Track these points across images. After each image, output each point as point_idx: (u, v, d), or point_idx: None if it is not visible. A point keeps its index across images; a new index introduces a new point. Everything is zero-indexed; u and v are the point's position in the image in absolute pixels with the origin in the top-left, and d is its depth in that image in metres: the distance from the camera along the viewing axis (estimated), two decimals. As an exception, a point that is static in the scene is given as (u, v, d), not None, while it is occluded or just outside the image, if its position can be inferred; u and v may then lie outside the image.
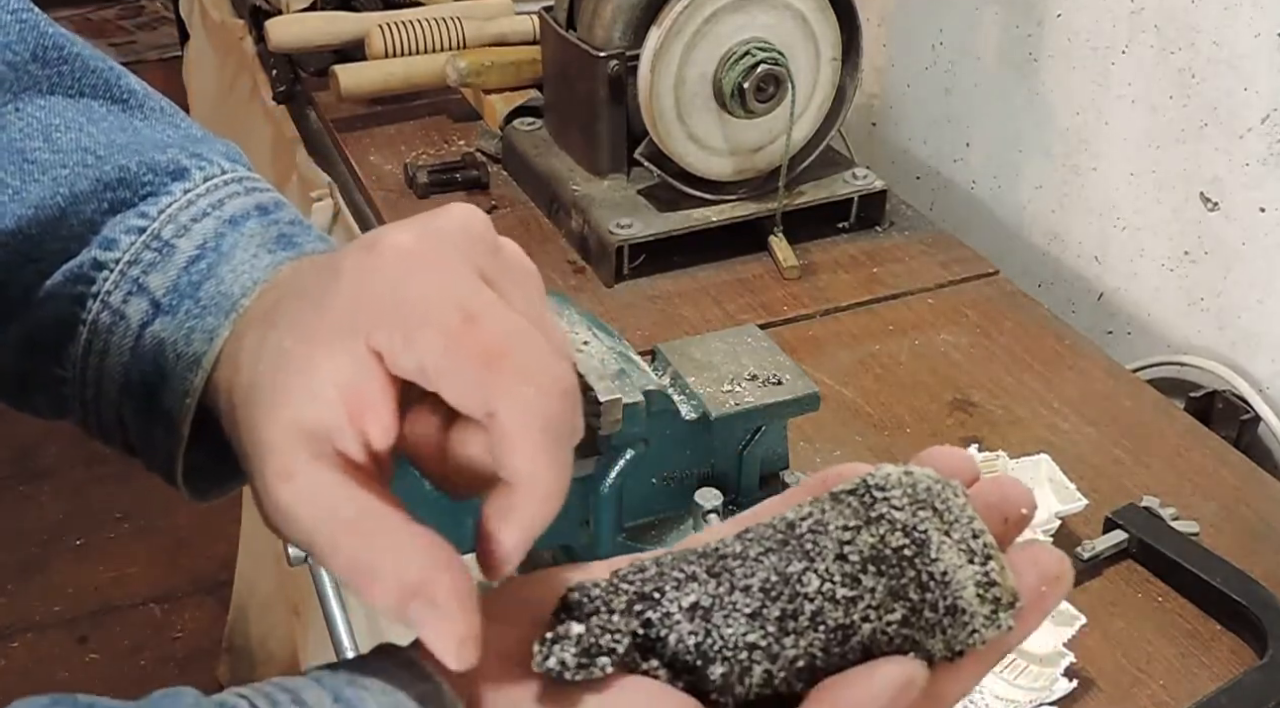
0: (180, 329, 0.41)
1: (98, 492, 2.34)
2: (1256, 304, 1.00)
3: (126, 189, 0.43)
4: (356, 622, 0.78)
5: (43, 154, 0.43)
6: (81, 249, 0.42)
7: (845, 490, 0.38)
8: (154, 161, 0.43)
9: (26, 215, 0.42)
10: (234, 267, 0.41)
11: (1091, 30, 1.11)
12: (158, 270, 0.42)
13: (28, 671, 2.01)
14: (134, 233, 0.42)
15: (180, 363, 0.41)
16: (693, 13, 1.02)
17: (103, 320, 0.42)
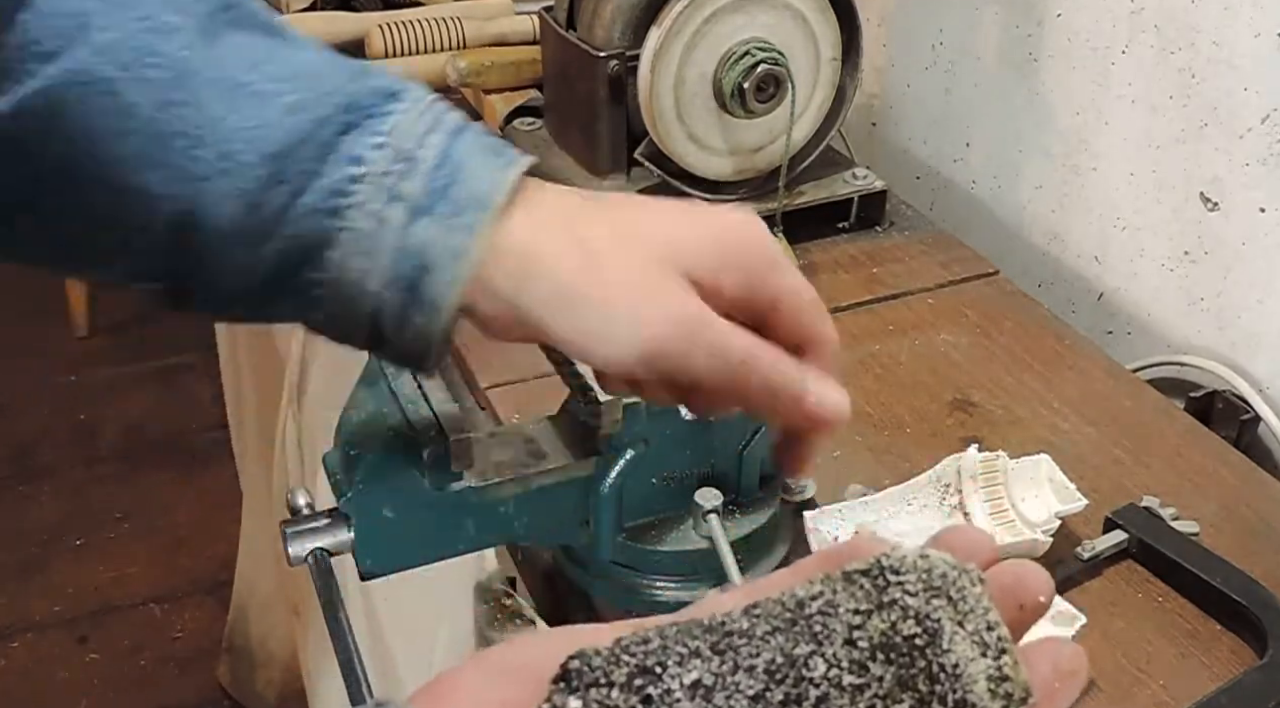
0: (442, 227, 0.48)
1: (98, 492, 2.34)
2: (1256, 304, 1.00)
3: (356, 111, 0.48)
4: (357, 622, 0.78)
5: (263, 84, 0.48)
6: (329, 168, 0.47)
7: (859, 570, 0.36)
8: (372, 86, 0.49)
9: (278, 138, 0.47)
10: (474, 171, 0.49)
11: (1091, 30, 1.11)
12: (409, 179, 0.48)
13: (28, 671, 2.01)
14: (377, 148, 0.48)
15: (444, 255, 0.48)
16: (693, 13, 1.02)
17: (364, 226, 0.47)
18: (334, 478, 0.65)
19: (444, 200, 0.48)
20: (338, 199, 0.48)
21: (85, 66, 0.46)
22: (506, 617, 0.80)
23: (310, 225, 0.48)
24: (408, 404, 0.64)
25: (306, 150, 0.47)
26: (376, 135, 0.48)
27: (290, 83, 0.48)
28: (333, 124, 0.48)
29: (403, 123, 0.48)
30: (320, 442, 1.21)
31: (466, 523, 0.67)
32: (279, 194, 0.47)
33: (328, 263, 0.48)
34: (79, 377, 2.65)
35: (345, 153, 0.48)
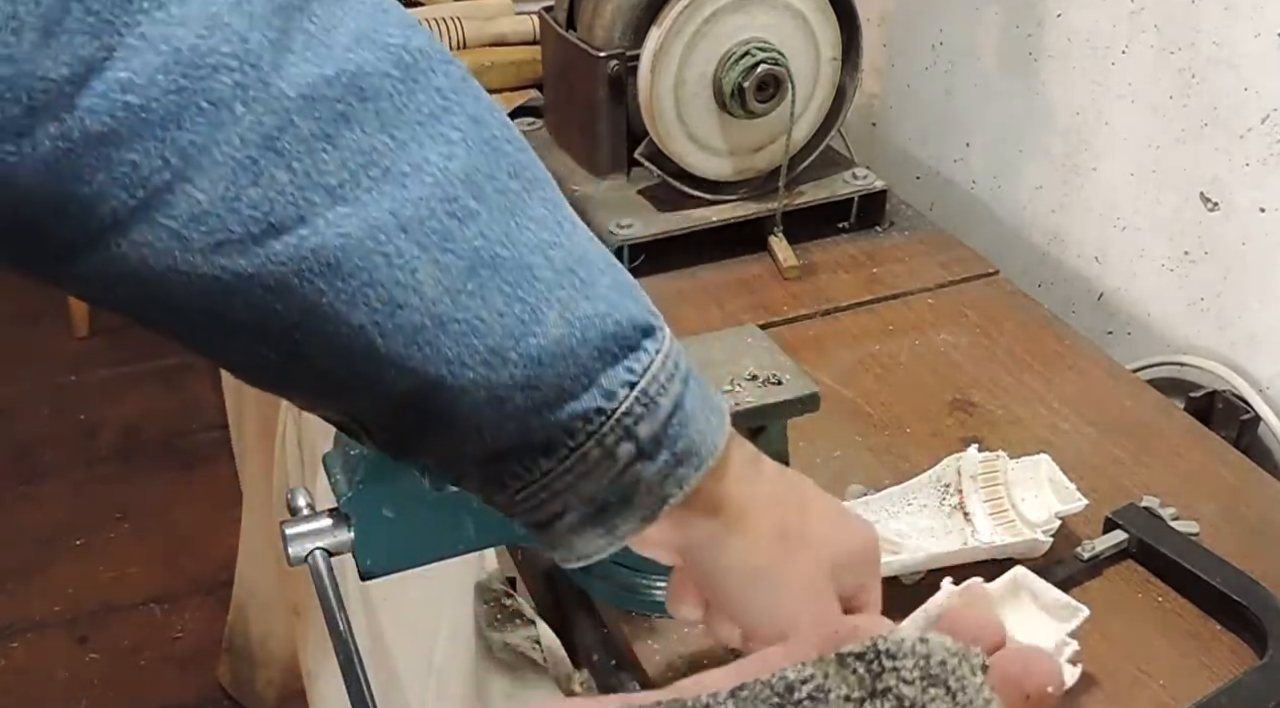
0: (658, 474, 0.50)
1: (98, 492, 2.34)
2: (1256, 304, 1.00)
3: (618, 343, 0.49)
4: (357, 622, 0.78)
5: (546, 272, 0.47)
6: (580, 392, 0.48)
7: (854, 653, 0.34)
8: (632, 318, 0.49)
9: (544, 348, 0.47)
10: (698, 427, 0.50)
11: (1091, 30, 1.11)
12: (645, 422, 0.49)
13: (28, 671, 2.01)
14: (627, 387, 0.49)
15: (650, 497, 0.50)
16: (693, 13, 1.02)
17: (593, 454, 0.49)
18: (334, 478, 0.64)
19: (667, 450, 0.50)
20: (578, 422, 0.48)
21: (388, 237, 0.44)
22: (506, 617, 0.81)
23: (541, 433, 0.49)
24: (408, 404, 0.64)
25: (567, 367, 0.48)
26: (630, 373, 0.49)
27: (566, 275, 0.48)
28: (596, 351, 0.48)
29: (654, 367, 0.49)
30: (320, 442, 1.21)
31: (466, 523, 0.67)
32: (527, 398, 0.48)
33: (538, 468, 0.49)
34: (79, 377, 2.65)
35: (600, 385, 0.49)
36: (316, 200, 0.43)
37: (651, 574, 0.74)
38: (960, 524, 0.79)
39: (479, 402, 0.47)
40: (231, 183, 0.42)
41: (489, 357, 0.47)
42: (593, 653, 0.76)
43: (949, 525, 0.79)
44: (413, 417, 0.48)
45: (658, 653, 0.73)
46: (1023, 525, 0.78)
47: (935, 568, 0.76)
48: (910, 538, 0.77)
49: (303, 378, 0.48)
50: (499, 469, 0.50)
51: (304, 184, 0.43)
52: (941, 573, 0.76)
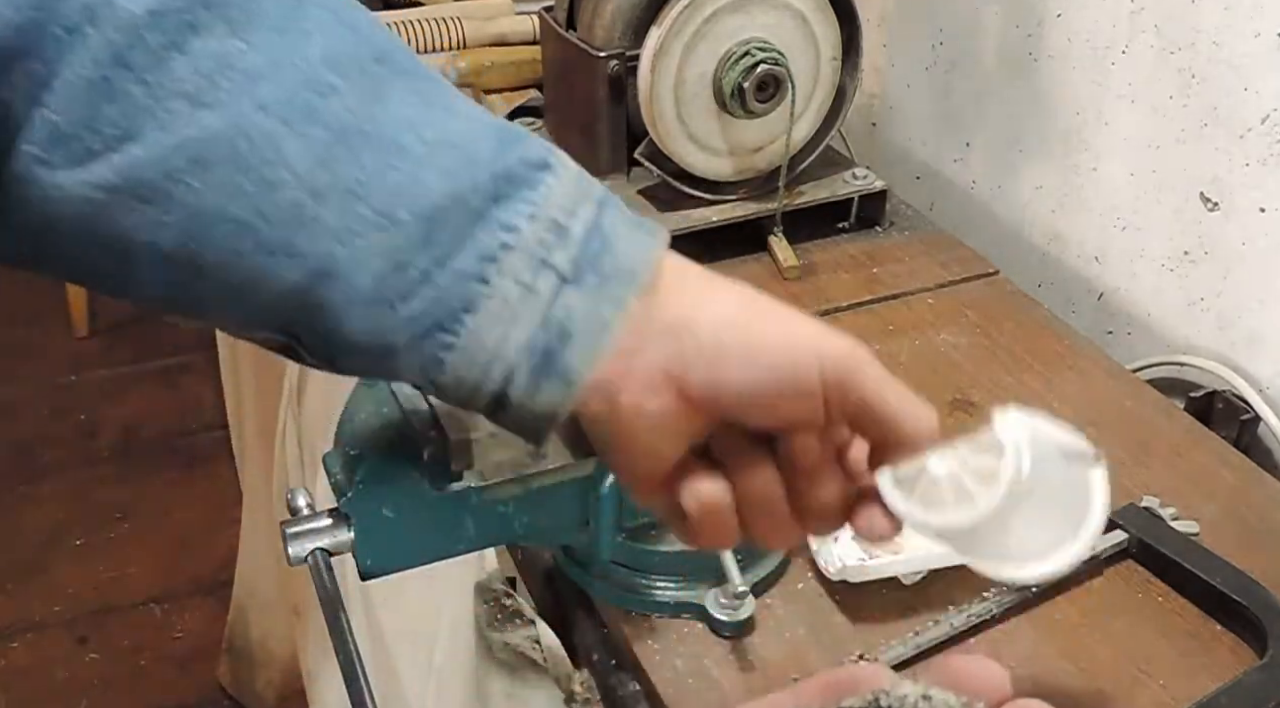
0: (589, 298, 0.48)
1: (98, 492, 2.34)
2: (1256, 304, 1.00)
3: (509, 181, 0.48)
4: (357, 622, 0.78)
5: (418, 147, 0.47)
6: (482, 234, 0.47)
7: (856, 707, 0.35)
8: (524, 157, 0.49)
9: (434, 200, 0.47)
10: (624, 243, 0.49)
11: (1091, 30, 1.11)
12: (560, 249, 0.48)
13: (28, 671, 2.01)
14: (529, 218, 0.48)
15: (589, 324, 0.48)
16: (693, 13, 1.02)
17: (514, 294, 0.47)
18: (334, 478, 0.65)
19: (593, 272, 0.48)
20: (486, 265, 0.47)
21: (247, 120, 0.45)
22: (506, 617, 0.81)
23: (455, 289, 0.48)
24: (408, 404, 0.64)
25: (459, 215, 0.47)
26: (530, 205, 0.48)
27: (445, 147, 0.48)
28: (486, 192, 0.48)
29: (554, 194, 0.49)
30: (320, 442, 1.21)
31: (466, 523, 0.67)
32: (427, 256, 0.47)
33: (465, 328, 0.48)
34: (79, 377, 2.65)
35: (498, 220, 0.48)
36: (176, 108, 0.45)
37: (652, 574, 0.74)
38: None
39: (383, 272, 0.47)
40: (87, 103, 0.44)
41: (376, 219, 0.47)
42: (593, 653, 0.76)
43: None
44: (318, 312, 0.48)
45: (658, 653, 0.73)
46: (1023, 526, 0.78)
47: (935, 568, 0.76)
48: (910, 538, 0.77)
49: (210, 293, 0.48)
50: (429, 345, 0.48)
51: (160, 95, 0.44)
52: (942, 573, 0.76)
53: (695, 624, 0.74)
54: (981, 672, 0.37)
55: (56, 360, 2.68)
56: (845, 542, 0.76)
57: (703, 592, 0.74)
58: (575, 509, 0.71)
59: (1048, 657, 0.73)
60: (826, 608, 0.76)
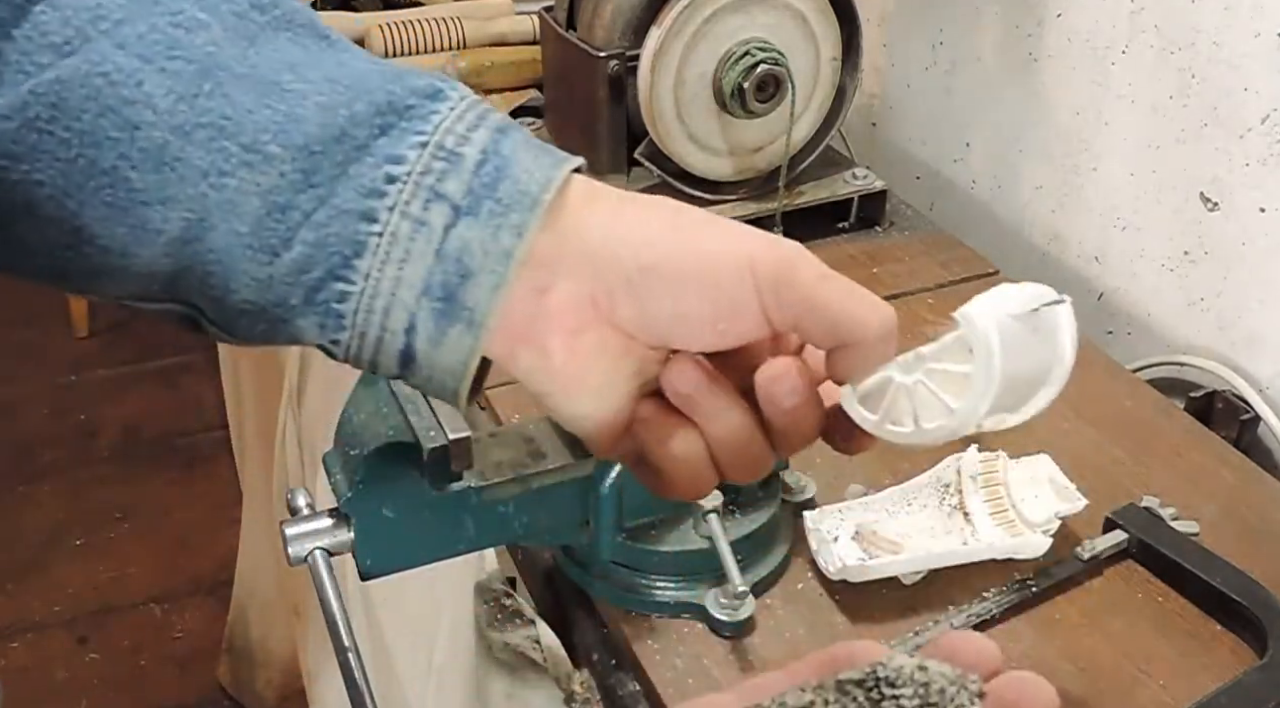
0: (487, 227, 0.44)
1: (98, 492, 2.34)
2: (1256, 304, 1.00)
3: (394, 113, 0.45)
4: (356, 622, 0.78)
5: (297, 85, 0.45)
6: (363, 169, 0.44)
7: (852, 680, 0.35)
8: (413, 85, 0.46)
9: (310, 133, 0.44)
10: (524, 168, 0.45)
11: (1091, 30, 1.11)
12: (451, 177, 0.44)
13: (28, 671, 2.01)
14: (418, 147, 0.45)
15: (489, 258, 0.44)
16: (693, 13, 1.02)
17: (403, 229, 0.44)
18: (334, 478, 0.65)
19: (490, 199, 0.45)
20: (372, 200, 0.44)
21: (104, 58, 0.43)
22: (506, 617, 0.80)
23: (340, 230, 0.44)
24: (408, 404, 0.64)
25: (340, 149, 0.45)
26: (419, 134, 0.45)
27: (328, 84, 0.45)
28: (370, 124, 0.45)
29: (446, 121, 0.45)
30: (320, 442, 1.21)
31: (466, 523, 0.67)
32: (307, 197, 0.44)
33: (357, 273, 0.45)
34: (79, 377, 2.65)
35: (383, 152, 0.45)
36: (42, 60, 0.43)
37: (652, 574, 0.74)
38: (960, 524, 0.79)
39: (259, 215, 0.44)
40: None
41: (246, 156, 0.44)
42: (593, 653, 0.76)
43: (949, 525, 0.79)
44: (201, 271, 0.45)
45: (658, 653, 0.73)
46: (1023, 525, 0.78)
47: (935, 568, 0.76)
48: (910, 538, 0.77)
49: (96, 259, 0.46)
50: (323, 297, 0.45)
51: (28, 49, 0.43)
52: (942, 573, 0.76)
53: (695, 624, 0.74)
54: (974, 646, 0.37)
55: (56, 360, 2.68)
56: (845, 542, 0.76)
57: (703, 592, 0.74)
58: (575, 509, 0.71)
59: (1048, 657, 0.73)
60: (826, 608, 0.76)
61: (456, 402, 0.48)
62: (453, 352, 0.46)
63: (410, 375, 0.47)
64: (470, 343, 0.45)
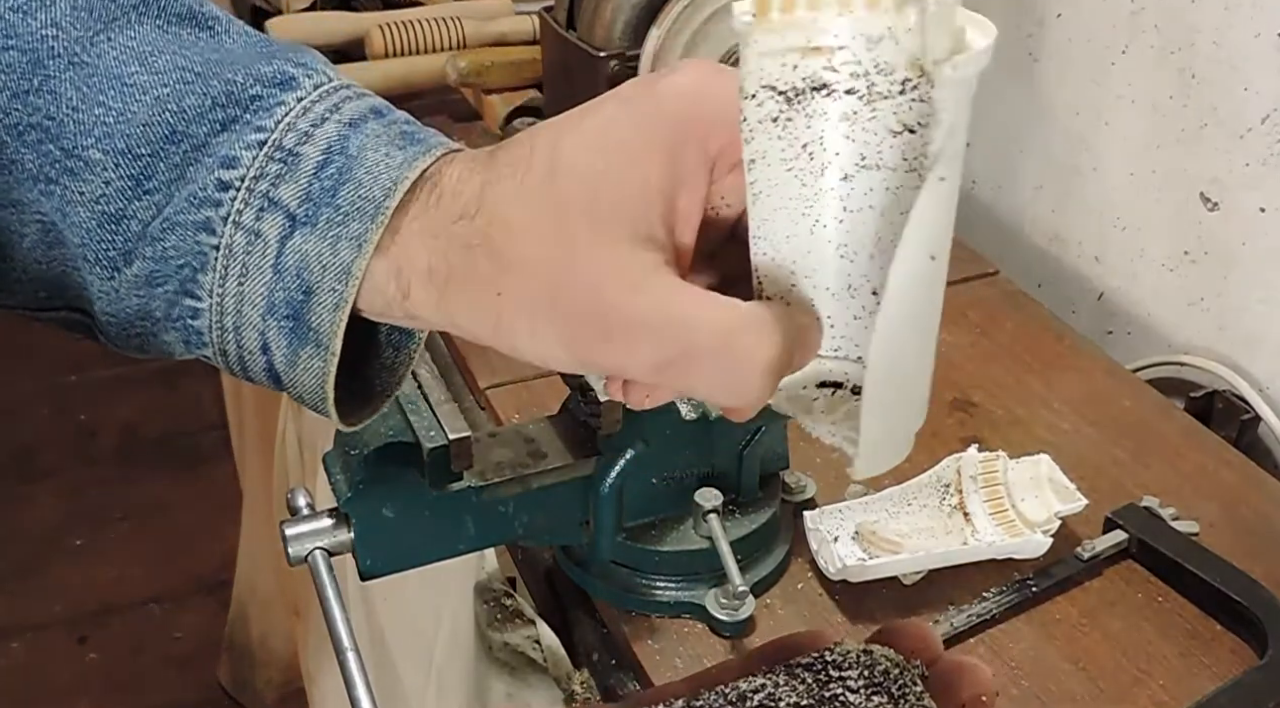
0: (324, 239, 0.39)
1: (98, 492, 2.34)
2: (1256, 304, 1.00)
3: (236, 106, 0.40)
4: (356, 622, 0.78)
5: (141, 77, 0.41)
6: (198, 173, 0.40)
7: (802, 664, 0.37)
8: (259, 73, 0.41)
9: (135, 134, 0.40)
10: (369, 168, 0.40)
11: (1091, 30, 1.11)
12: (287, 181, 0.40)
13: (28, 671, 2.01)
14: (254, 147, 0.40)
15: (328, 274, 0.40)
16: (693, 13, 1.02)
17: (238, 242, 0.40)
18: (334, 478, 0.65)
19: (328, 206, 0.39)
20: (208, 210, 0.40)
21: None
22: (506, 617, 0.81)
23: (179, 244, 0.40)
24: (408, 404, 0.64)
25: (175, 150, 0.40)
26: (259, 132, 0.40)
27: (176, 74, 0.41)
28: (207, 119, 0.40)
29: (291, 114, 0.40)
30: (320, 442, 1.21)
31: (466, 523, 0.67)
32: (143, 206, 0.40)
33: (202, 289, 0.41)
34: (79, 377, 2.65)
35: (217, 154, 0.40)
36: None
37: (652, 574, 0.74)
38: (960, 524, 0.79)
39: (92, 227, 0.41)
40: None
41: (68, 161, 0.40)
42: (593, 653, 0.76)
43: (949, 525, 0.79)
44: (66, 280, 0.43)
45: (658, 653, 0.73)
46: (1023, 525, 0.78)
47: (935, 568, 0.76)
48: (910, 538, 0.77)
49: None
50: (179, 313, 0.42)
51: None
52: (942, 573, 0.76)
53: (695, 624, 0.74)
54: (917, 633, 0.38)
55: (56, 360, 2.68)
56: (845, 542, 0.76)
57: (703, 592, 0.74)
58: (575, 509, 0.71)
59: (1048, 657, 0.73)
60: (826, 608, 0.76)
61: (332, 420, 0.43)
62: (307, 373, 0.42)
63: (287, 391, 0.43)
64: (320, 366, 0.41)
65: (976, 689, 0.37)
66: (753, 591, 0.73)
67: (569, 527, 0.71)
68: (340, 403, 0.43)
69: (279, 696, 1.84)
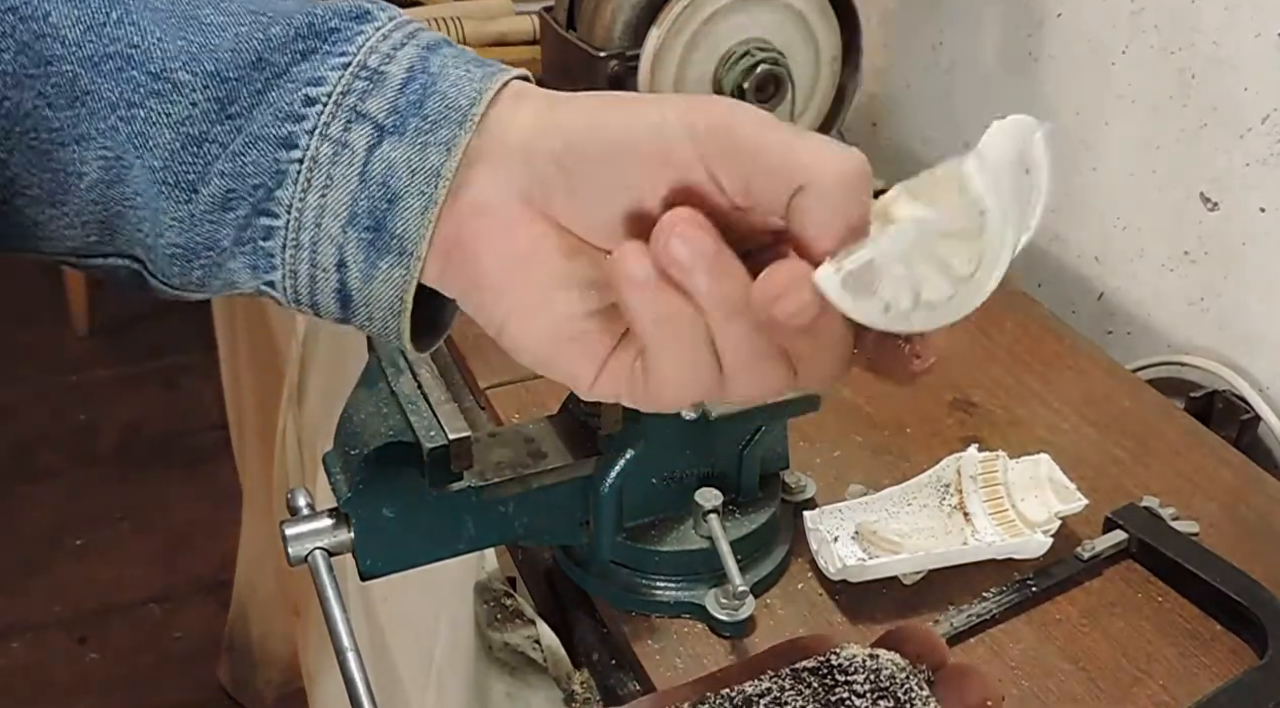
0: (413, 146, 0.41)
1: (98, 492, 2.34)
2: (1256, 304, 1.00)
3: (316, 37, 0.42)
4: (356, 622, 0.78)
5: (216, 18, 0.43)
6: (281, 96, 0.42)
7: (808, 668, 0.37)
8: (336, 8, 0.43)
9: (224, 59, 0.42)
10: (453, 82, 0.42)
11: (1091, 30, 1.11)
12: (374, 95, 0.41)
13: (28, 671, 2.01)
14: (339, 68, 0.42)
15: (416, 178, 0.41)
16: (693, 13, 1.02)
17: (324, 153, 0.42)
18: (334, 478, 0.65)
19: (416, 116, 0.41)
20: (290, 125, 0.42)
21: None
22: (506, 617, 0.81)
23: (258, 159, 0.42)
24: (408, 404, 0.64)
25: (258, 77, 0.42)
26: (341, 56, 0.42)
27: (250, 15, 0.43)
28: (289, 49, 0.42)
29: (371, 41, 0.42)
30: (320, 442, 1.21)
31: (466, 523, 0.67)
32: (224, 129, 0.42)
33: (280, 205, 0.42)
34: (79, 377, 2.65)
35: (304, 76, 0.42)
36: None
37: (652, 574, 0.74)
38: (960, 524, 0.79)
39: (171, 146, 0.42)
40: None
41: (155, 84, 0.42)
42: (593, 653, 0.76)
43: (949, 525, 0.79)
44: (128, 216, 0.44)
45: (658, 653, 0.73)
46: (1023, 525, 0.78)
47: (935, 568, 0.76)
48: (910, 538, 0.77)
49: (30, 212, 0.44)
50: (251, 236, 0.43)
51: None
52: (942, 573, 0.76)
53: (695, 624, 0.74)
54: (921, 638, 0.38)
55: (56, 360, 2.68)
56: (845, 542, 0.76)
57: (703, 592, 0.74)
58: (575, 509, 0.71)
59: (1048, 657, 0.73)
60: (826, 608, 0.76)
61: (401, 341, 0.44)
62: (386, 285, 0.42)
63: (352, 316, 0.44)
64: (402, 274, 0.42)
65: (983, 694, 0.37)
66: (753, 591, 0.73)
67: (569, 527, 0.71)
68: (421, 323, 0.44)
69: (279, 696, 1.84)
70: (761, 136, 0.38)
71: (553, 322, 0.42)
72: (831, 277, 0.38)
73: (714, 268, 0.38)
